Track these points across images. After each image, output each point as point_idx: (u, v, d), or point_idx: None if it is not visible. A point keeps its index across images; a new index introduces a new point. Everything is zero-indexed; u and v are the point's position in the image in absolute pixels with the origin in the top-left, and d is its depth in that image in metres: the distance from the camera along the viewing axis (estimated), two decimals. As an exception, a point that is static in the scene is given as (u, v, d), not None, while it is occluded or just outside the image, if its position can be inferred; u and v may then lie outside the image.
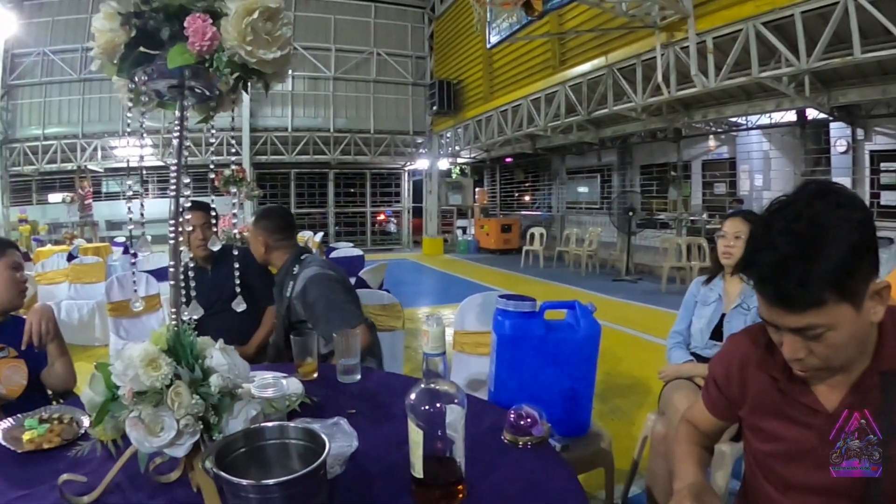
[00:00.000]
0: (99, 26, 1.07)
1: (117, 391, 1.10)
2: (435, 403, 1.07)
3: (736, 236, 2.42)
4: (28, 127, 15.84)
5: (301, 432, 1.14)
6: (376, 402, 1.69)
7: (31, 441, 1.44)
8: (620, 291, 9.24)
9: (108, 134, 15.51)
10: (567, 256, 12.50)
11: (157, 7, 1.06)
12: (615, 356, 5.26)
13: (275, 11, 1.08)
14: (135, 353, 1.08)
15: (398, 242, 19.05)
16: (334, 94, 16.78)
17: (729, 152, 10.92)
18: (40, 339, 1.97)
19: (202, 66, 1.07)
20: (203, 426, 1.10)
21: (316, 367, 1.92)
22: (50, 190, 16.98)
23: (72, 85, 15.57)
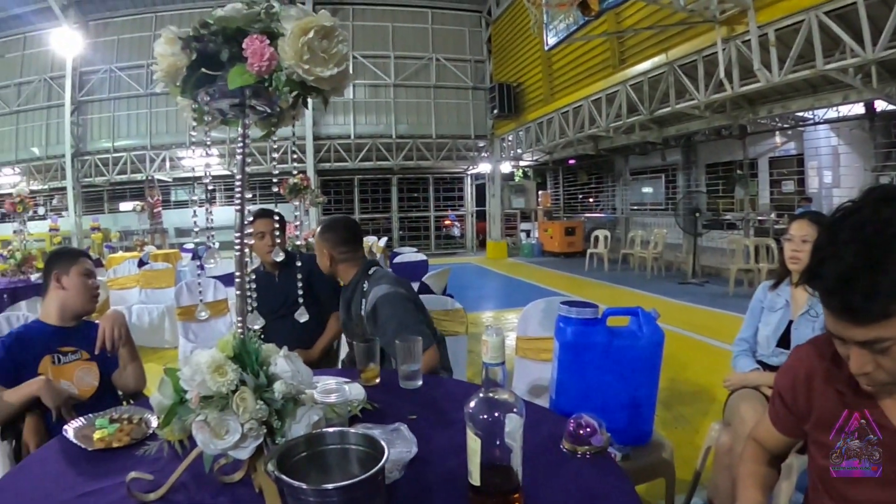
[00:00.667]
0: (161, 51, 1.13)
1: (185, 395, 1.15)
2: (493, 413, 1.07)
3: (803, 240, 2.31)
4: (98, 140, 16.74)
5: (361, 438, 1.16)
6: (437, 408, 1.70)
7: (101, 440, 1.52)
8: (686, 295, 9.00)
9: (175, 145, 16.25)
10: (632, 259, 12.24)
11: (215, 30, 1.10)
12: (680, 362, 5.13)
13: (330, 30, 1.11)
14: (202, 360, 1.13)
15: (462, 246, 19.14)
16: (395, 100, 16.95)
17: (796, 148, 10.48)
18: (112, 345, 2.07)
19: (262, 85, 1.10)
20: (266, 430, 1.14)
21: (378, 372, 1.94)
22: (120, 199, 17.85)
23: (139, 100, 16.40)
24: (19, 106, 17.09)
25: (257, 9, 1.12)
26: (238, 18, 1.09)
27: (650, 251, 11.58)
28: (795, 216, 2.48)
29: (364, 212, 18.20)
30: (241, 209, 1.23)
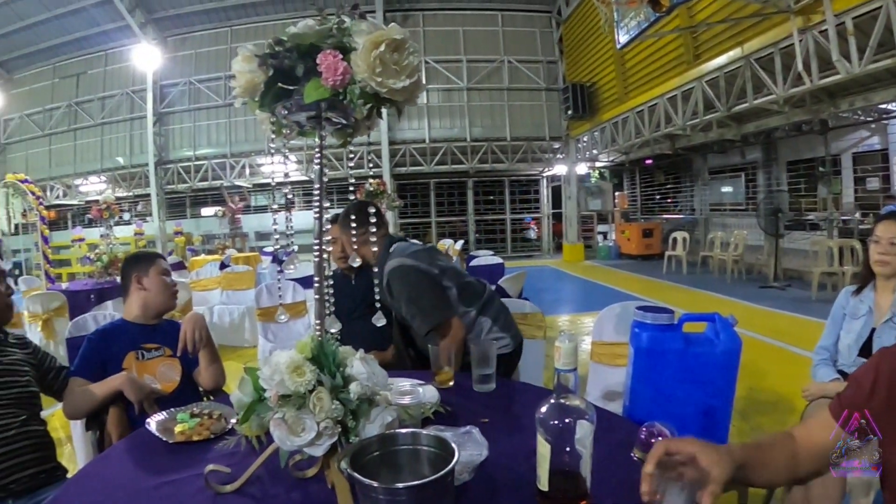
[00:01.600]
0: (238, 68, 1.18)
1: (264, 394, 1.21)
2: (564, 419, 1.08)
3: (891, 242, 2.18)
4: (180, 149, 17.59)
5: (432, 439, 1.18)
6: (509, 412, 1.71)
7: (182, 433, 1.62)
8: (767, 299, 8.64)
9: (254, 152, 16.84)
10: (711, 261, 11.85)
11: (289, 47, 1.15)
12: (759, 370, 4.93)
13: (400, 42, 1.13)
14: (281, 360, 1.18)
15: (538, 249, 18.96)
16: (469, 104, 16.97)
17: (880, 143, 9.80)
18: (193, 346, 2.18)
19: (337, 98, 1.14)
20: (341, 429, 1.19)
21: (452, 375, 1.95)
22: (202, 205, 18.68)
23: (218, 110, 17.13)
24: (103, 118, 18.17)
25: (329, 24, 1.16)
26: (311, 35, 1.14)
27: (730, 253, 11.18)
28: (882, 216, 2.33)
29: (440, 215, 18.36)
30: (319, 218, 1.28)
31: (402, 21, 16.30)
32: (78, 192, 18.68)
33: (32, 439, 1.92)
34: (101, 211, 7.69)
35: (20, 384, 1.97)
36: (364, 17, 1.17)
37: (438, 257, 2.63)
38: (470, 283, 2.61)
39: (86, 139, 18.59)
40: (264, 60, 1.16)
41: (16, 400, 1.93)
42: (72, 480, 1.51)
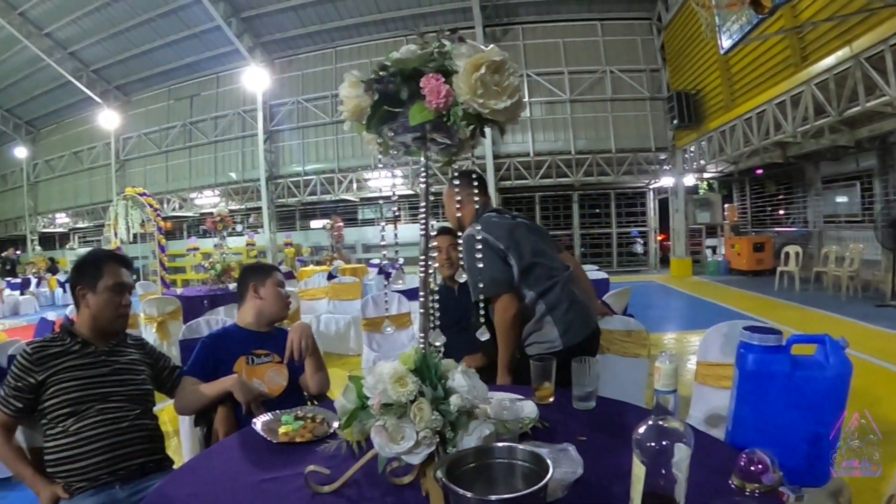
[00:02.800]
0: (346, 93, 1.25)
1: (367, 401, 1.26)
2: (662, 441, 1.06)
3: None
4: (290, 165, 18.48)
5: (528, 454, 1.18)
6: (607, 431, 1.68)
7: (285, 434, 1.70)
8: (885, 319, 7.99)
9: (361, 167, 17.39)
10: (825, 278, 11.12)
11: (393, 72, 1.20)
12: (873, 396, 4.56)
13: (500, 64, 1.16)
14: (385, 371, 1.23)
15: (644, 264, 18.41)
16: (572, 116, 16.85)
17: None
18: (300, 354, 2.28)
19: (441, 119, 1.17)
20: (439, 439, 1.21)
21: (552, 391, 1.94)
22: (311, 217, 19.53)
23: (325, 127, 17.92)
24: (216, 137, 19.45)
25: (430, 49, 1.20)
26: (413, 59, 1.18)
27: (845, 269, 10.45)
28: None
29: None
30: (425, 235, 1.32)
31: (501, 35, 16.41)
32: (193, 204, 20.04)
33: (144, 431, 2.07)
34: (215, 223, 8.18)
35: (136, 382, 2.13)
36: (463, 40, 1.20)
37: (520, 233, 2.59)
38: (539, 264, 2.54)
39: (200, 156, 19.94)
40: (370, 85, 1.21)
41: (131, 396, 2.09)
42: (178, 471, 1.63)
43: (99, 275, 2.11)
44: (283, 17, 16.97)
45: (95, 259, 2.15)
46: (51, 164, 24.98)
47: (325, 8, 16.55)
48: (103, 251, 2.27)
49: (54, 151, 24.80)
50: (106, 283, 2.10)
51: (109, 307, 2.09)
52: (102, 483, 1.93)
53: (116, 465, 1.96)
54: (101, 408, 1.99)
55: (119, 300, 2.11)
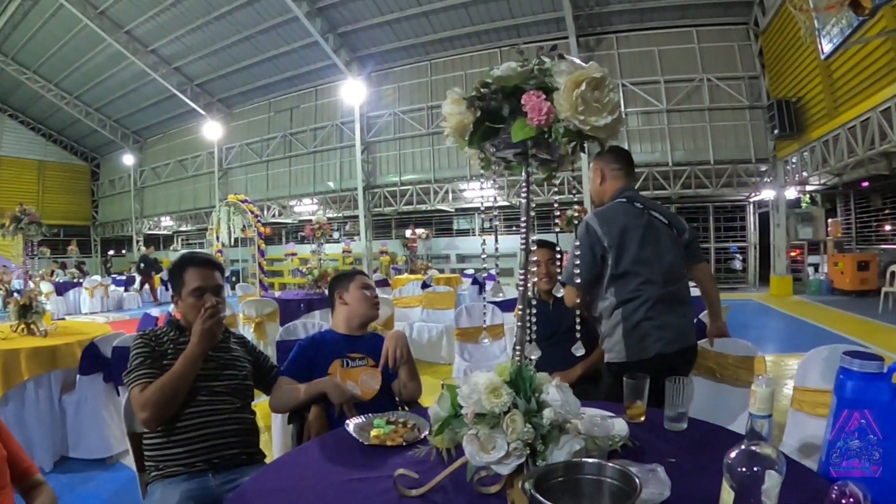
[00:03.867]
0: (448, 110, 1.28)
1: (460, 410, 1.28)
2: (753, 467, 1.03)
3: None
4: (387, 175, 18.90)
5: (617, 472, 1.17)
6: (698, 454, 1.64)
7: (376, 437, 1.75)
8: None
9: (456, 178, 17.51)
10: (937, 300, 10.24)
11: (495, 89, 1.22)
12: None
13: (600, 80, 1.16)
14: (480, 381, 1.25)
15: (743, 281, 17.47)
16: (669, 126, 16.27)
17: None
18: (395, 362, 2.34)
19: (542, 136, 1.18)
20: (529, 451, 1.22)
21: (644, 410, 1.91)
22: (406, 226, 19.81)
23: (422, 138, 18.19)
24: (315, 147, 20.20)
25: (530, 66, 1.21)
26: (514, 77, 1.20)
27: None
28: None
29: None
30: (525, 249, 1.33)
31: (595, 45, 16.18)
32: (292, 211, 20.84)
33: (242, 425, 2.16)
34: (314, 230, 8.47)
35: (238, 377, 2.24)
36: (563, 57, 1.22)
37: (632, 237, 2.63)
38: (633, 274, 2.59)
39: (299, 165, 20.74)
40: (472, 103, 1.24)
41: (232, 390, 2.19)
42: (271, 465, 1.71)
43: (182, 281, 2.23)
44: (378, 32, 17.35)
45: (179, 266, 2.27)
46: (157, 171, 26.76)
47: (419, 22, 16.83)
48: (187, 256, 2.35)
49: (160, 159, 26.58)
50: (188, 289, 2.21)
51: (194, 311, 2.18)
52: (196, 470, 2.02)
53: (212, 455, 2.05)
54: (203, 399, 2.09)
55: (202, 302, 2.18)
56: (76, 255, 21.00)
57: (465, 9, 16.22)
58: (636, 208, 2.71)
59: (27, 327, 4.36)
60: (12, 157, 27.38)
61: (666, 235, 2.73)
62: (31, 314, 4.36)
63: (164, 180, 26.43)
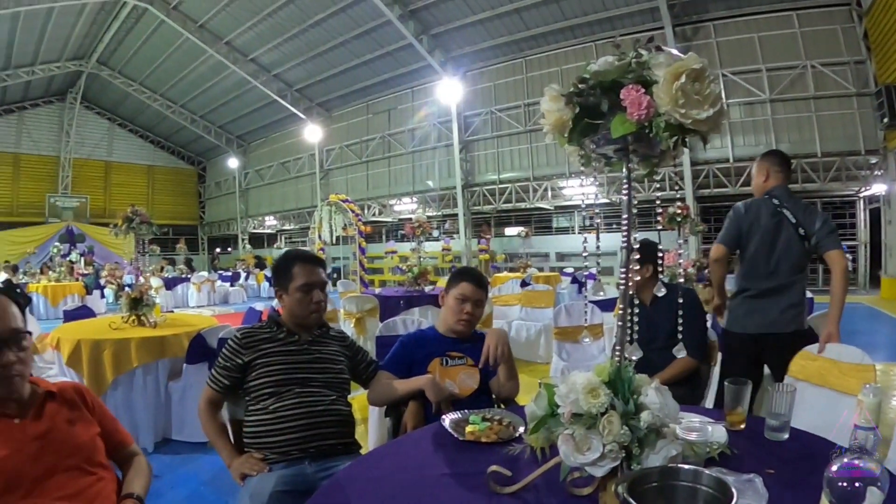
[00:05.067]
0: (546, 107, 1.26)
1: (557, 409, 1.28)
2: (854, 482, 0.98)
3: None
4: (485, 173, 18.97)
5: (713, 481, 1.12)
6: (798, 466, 1.55)
7: (471, 433, 1.76)
8: None
9: (555, 175, 17.34)
10: None
11: (593, 84, 1.19)
12: None
13: (700, 71, 1.12)
14: (578, 381, 1.24)
15: (853, 283, 15.93)
16: (773, 117, 15.31)
17: None
18: (495, 361, 2.34)
19: (642, 131, 1.16)
20: (625, 454, 1.20)
21: (744, 418, 1.83)
22: (506, 225, 19.88)
23: (519, 136, 18.14)
24: (414, 147, 20.52)
25: (628, 59, 1.18)
26: (612, 71, 1.18)
27: None
28: None
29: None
30: (627, 247, 1.31)
31: (692, 34, 15.52)
32: (392, 210, 21.32)
33: (338, 416, 2.23)
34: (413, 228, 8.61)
35: (334, 370, 2.32)
36: (660, 48, 1.18)
37: (755, 239, 3.14)
38: (749, 262, 3.17)
39: (398, 165, 21.22)
40: (570, 99, 1.22)
41: (329, 382, 2.27)
42: (367, 455, 1.75)
43: (289, 277, 2.32)
44: (471, 31, 17.41)
45: (286, 262, 2.37)
46: (260, 173, 28.20)
47: (511, 19, 16.73)
48: (294, 253, 2.45)
49: (263, 162, 28.03)
50: (295, 285, 2.30)
51: (300, 305, 2.29)
52: (293, 458, 2.10)
53: (308, 444, 2.13)
54: (300, 391, 2.18)
55: (309, 298, 2.29)
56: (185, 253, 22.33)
57: (557, 4, 15.99)
58: (773, 206, 3.11)
59: (138, 319, 4.70)
60: (123, 163, 29.88)
61: (787, 236, 3.09)
62: (142, 307, 4.69)
63: (268, 182, 27.79)
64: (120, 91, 25.66)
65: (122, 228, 5.20)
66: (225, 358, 2.25)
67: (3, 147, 26.12)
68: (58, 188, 26.98)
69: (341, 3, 16.89)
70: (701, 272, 6.32)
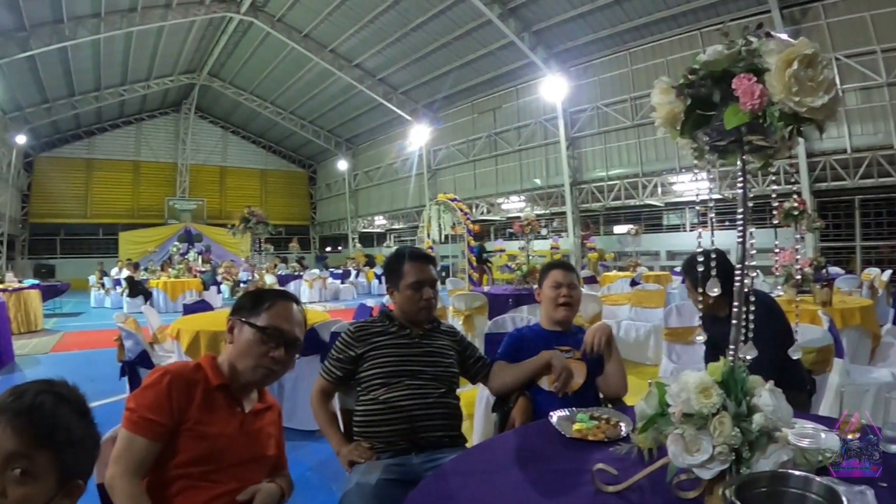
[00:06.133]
0: (657, 100, 1.25)
1: (668, 409, 1.26)
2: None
3: None
4: (593, 170, 18.56)
5: (824, 489, 1.09)
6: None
7: (578, 431, 1.77)
8: None
9: (665, 171, 16.72)
10: None
11: (703, 75, 1.17)
12: None
13: (812, 57, 1.08)
14: (691, 380, 1.22)
15: None
16: (891, 102, 13.56)
17: None
18: (595, 348, 2.35)
19: (756, 121, 1.12)
20: (734, 457, 1.16)
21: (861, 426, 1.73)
22: (615, 223, 19.43)
23: (627, 131, 17.54)
24: (520, 145, 20.41)
25: (737, 48, 1.15)
26: (722, 60, 1.15)
27: None
28: None
29: (866, 238, 15.05)
30: (742, 242, 1.28)
31: (800, 17, 14.25)
32: (500, 209, 21.36)
33: (446, 409, 2.28)
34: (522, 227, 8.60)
35: (444, 364, 2.36)
36: (770, 35, 1.14)
37: None
38: None
39: (505, 164, 21.20)
40: (681, 90, 1.21)
41: (438, 375, 2.31)
42: (473, 448, 1.78)
43: (400, 274, 2.40)
44: (572, 26, 16.94)
45: (397, 260, 2.45)
46: (369, 175, 28.99)
47: (612, 11, 16.15)
48: (405, 250, 2.53)
49: (371, 164, 28.75)
50: (406, 282, 2.37)
51: (410, 302, 2.37)
52: (400, 448, 2.16)
53: (416, 435, 2.19)
54: (410, 383, 2.24)
55: (419, 296, 2.36)
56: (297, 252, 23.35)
57: (658, -8, 15.36)
58: None
59: (254, 313, 4.94)
60: (237, 167, 31.80)
61: None
62: (258, 302, 4.93)
63: (376, 182, 28.54)
64: (231, 100, 27.23)
65: (240, 228, 5.52)
66: (338, 350, 2.35)
67: (124, 156, 28.57)
68: (176, 192, 29.09)
69: (441, 6, 16.95)
70: (819, 272, 5.90)
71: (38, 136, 24.38)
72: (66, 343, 9.59)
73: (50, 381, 1.11)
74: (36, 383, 1.09)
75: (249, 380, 1.76)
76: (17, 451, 0.98)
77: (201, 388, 1.67)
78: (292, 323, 1.83)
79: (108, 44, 18.36)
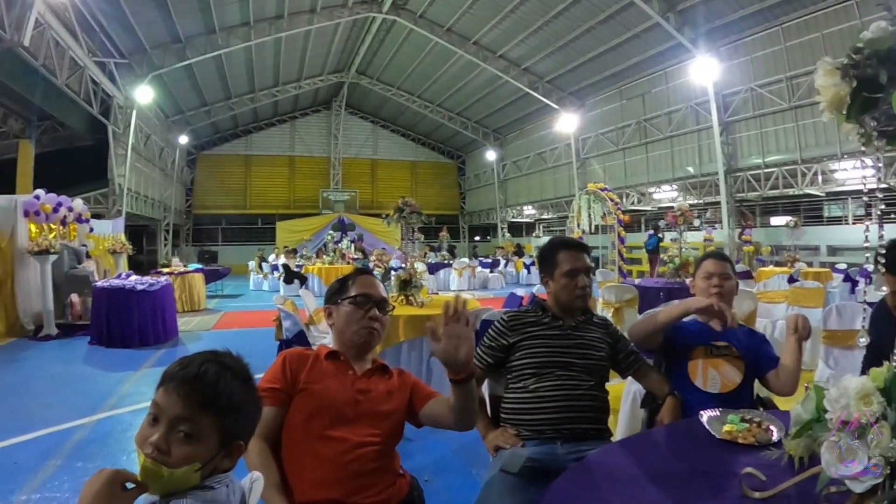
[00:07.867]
0: (821, 83, 1.17)
1: (824, 414, 1.19)
2: None
3: None
4: (748, 157, 17.18)
5: None
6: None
7: (728, 432, 1.71)
8: None
9: (826, 157, 15.18)
10: None
11: (868, 54, 1.09)
12: None
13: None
14: (851, 385, 1.15)
15: None
16: None
17: None
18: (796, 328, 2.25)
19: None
20: (889, 471, 1.07)
21: None
22: (772, 213, 17.97)
23: (784, 114, 15.99)
24: (671, 132, 19.41)
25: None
26: (886, 38, 1.06)
27: None
28: None
29: None
30: None
31: None
32: (651, 199, 20.57)
33: (594, 402, 2.27)
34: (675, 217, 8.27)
35: (595, 357, 2.35)
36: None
37: None
38: None
39: (656, 151, 20.32)
40: (846, 72, 1.13)
41: (589, 367, 2.30)
42: (619, 442, 1.77)
43: (554, 263, 2.42)
44: (719, 3, 15.68)
45: (551, 249, 2.47)
46: (517, 164, 28.97)
47: (759, -17, 14.93)
48: (558, 240, 2.55)
49: (520, 153, 28.75)
50: (561, 271, 2.39)
51: (566, 290, 2.37)
52: (546, 437, 2.18)
53: (562, 425, 2.19)
54: (561, 374, 2.25)
55: (574, 283, 2.36)
56: (447, 241, 23.86)
57: (808, -41, 13.92)
58: None
59: (406, 298, 5.20)
60: (388, 160, 33.18)
61: None
62: (411, 288, 5.16)
63: (525, 172, 28.49)
64: (380, 96, 28.44)
65: (394, 217, 5.79)
66: (491, 338, 2.41)
67: (280, 151, 30.92)
68: (329, 184, 31.09)
69: (580, -10, 16.63)
70: None
71: (199, 136, 27.21)
72: (226, 321, 10.64)
73: (215, 351, 1.25)
74: (202, 354, 1.22)
75: (357, 342, 1.96)
76: (182, 415, 1.11)
77: (312, 358, 1.92)
78: (375, 288, 2.04)
79: (258, 49, 19.92)
